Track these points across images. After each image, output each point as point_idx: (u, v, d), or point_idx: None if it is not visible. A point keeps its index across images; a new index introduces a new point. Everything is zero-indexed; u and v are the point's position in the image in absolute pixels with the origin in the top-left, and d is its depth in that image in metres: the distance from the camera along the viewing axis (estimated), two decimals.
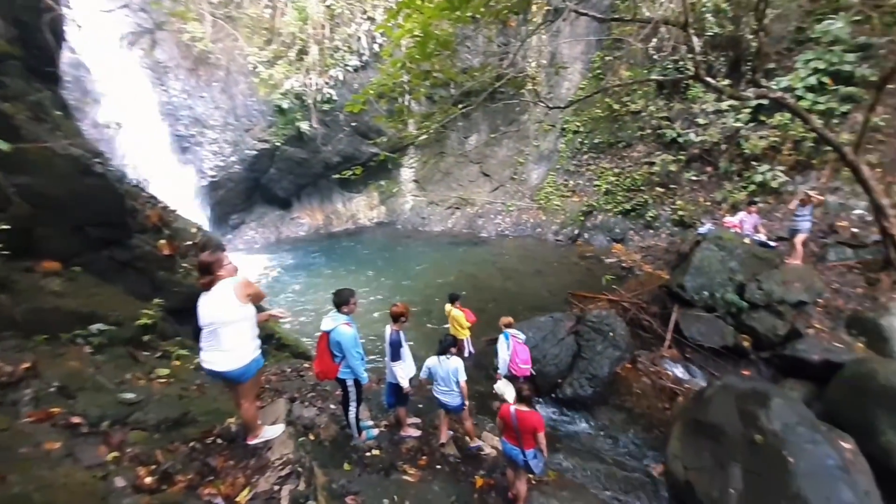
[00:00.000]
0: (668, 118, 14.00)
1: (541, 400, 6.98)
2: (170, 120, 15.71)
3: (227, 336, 3.27)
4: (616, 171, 14.91)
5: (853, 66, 10.33)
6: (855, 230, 8.92)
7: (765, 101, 10.53)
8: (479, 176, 18.88)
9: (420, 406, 6.03)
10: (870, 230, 8.48)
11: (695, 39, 7.52)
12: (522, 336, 6.31)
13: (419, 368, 5.13)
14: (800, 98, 10.41)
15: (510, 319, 6.37)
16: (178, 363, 5.37)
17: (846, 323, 6.96)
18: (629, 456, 5.96)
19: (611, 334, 7.37)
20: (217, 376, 3.41)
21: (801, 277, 7.37)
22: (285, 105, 16.51)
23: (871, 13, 10.59)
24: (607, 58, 16.30)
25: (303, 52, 16.69)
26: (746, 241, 8.26)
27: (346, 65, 16.88)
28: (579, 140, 16.61)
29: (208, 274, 3.28)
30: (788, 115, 10.51)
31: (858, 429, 4.90)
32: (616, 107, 15.48)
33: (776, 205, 10.68)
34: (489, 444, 5.38)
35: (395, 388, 4.88)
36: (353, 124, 17.80)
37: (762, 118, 11.62)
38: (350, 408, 4.64)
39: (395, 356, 4.71)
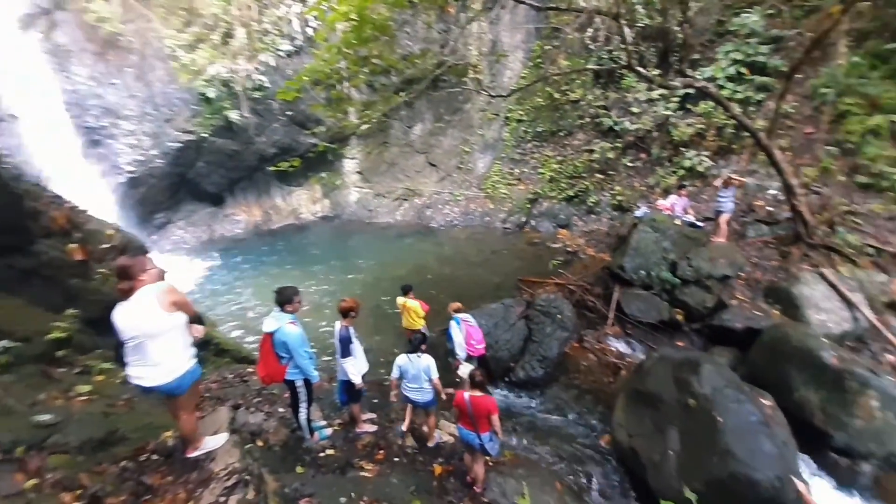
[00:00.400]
0: (605, 107, 14.76)
1: (497, 384, 7.23)
2: (76, 110, 14.17)
3: (155, 349, 3.03)
4: (559, 158, 15.54)
5: (767, 58, 11.44)
6: (770, 209, 9.97)
7: (691, 91, 11.39)
8: (425, 166, 18.86)
9: (375, 401, 6.02)
10: (782, 208, 9.50)
11: (626, 30, 7.95)
12: (472, 319, 6.48)
13: (372, 363, 5.12)
14: (721, 87, 11.37)
15: (459, 304, 6.52)
16: (101, 378, 4.96)
17: (764, 293, 7.79)
18: (579, 429, 6.34)
19: (559, 316, 7.76)
20: (149, 391, 3.18)
21: (725, 254, 8.15)
22: (211, 93, 15.40)
23: (782, 7, 11.76)
24: (546, 47, 16.82)
25: (228, 35, 15.68)
26: (677, 222, 9.04)
27: (278, 49, 16.02)
28: (523, 129, 17.08)
29: (127, 279, 3.01)
30: (712, 104, 11.45)
31: (776, 387, 5.57)
32: (556, 96, 16.06)
33: (703, 188, 11.66)
34: (446, 432, 5.50)
35: (348, 385, 4.84)
36: (289, 113, 17.03)
37: (689, 107, 12.58)
38: (300, 409, 4.55)
39: (345, 352, 4.67)
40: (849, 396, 5.23)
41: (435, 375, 4.82)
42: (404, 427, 5.17)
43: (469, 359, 6.29)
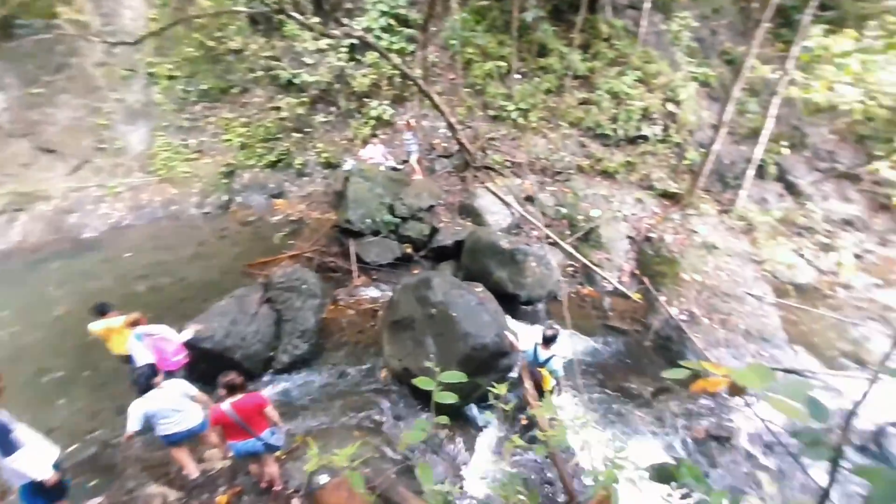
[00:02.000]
0: (275, 58, 15.43)
1: (262, 378, 7.70)
2: None
3: None
4: (243, 120, 15.43)
5: (407, 10, 14.65)
6: (444, 145, 13.59)
7: (356, 41, 13.54)
8: (36, 154, 14.78)
9: (92, 484, 5.51)
10: (452, 143, 13.10)
11: None
12: (159, 328, 6.40)
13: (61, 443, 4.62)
14: (379, 38, 13.96)
15: (135, 316, 6.35)
16: None
17: (458, 212, 11.18)
18: (360, 378, 7.75)
19: (304, 287, 8.65)
20: None
21: (425, 188, 11.06)
22: None
23: None
24: None
25: None
26: (381, 168, 11.30)
27: None
28: (181, 87, 15.80)
29: None
30: (377, 54, 13.94)
31: (482, 276, 8.51)
32: (211, 44, 15.49)
33: (393, 134, 14.45)
34: (215, 461, 5.66)
35: (35, 486, 4.19)
36: None
37: (359, 58, 14.86)
38: None
39: (8, 447, 3.97)
40: (520, 266, 8.64)
41: (194, 392, 4.99)
42: (195, 472, 5.18)
43: (170, 374, 6.10)
